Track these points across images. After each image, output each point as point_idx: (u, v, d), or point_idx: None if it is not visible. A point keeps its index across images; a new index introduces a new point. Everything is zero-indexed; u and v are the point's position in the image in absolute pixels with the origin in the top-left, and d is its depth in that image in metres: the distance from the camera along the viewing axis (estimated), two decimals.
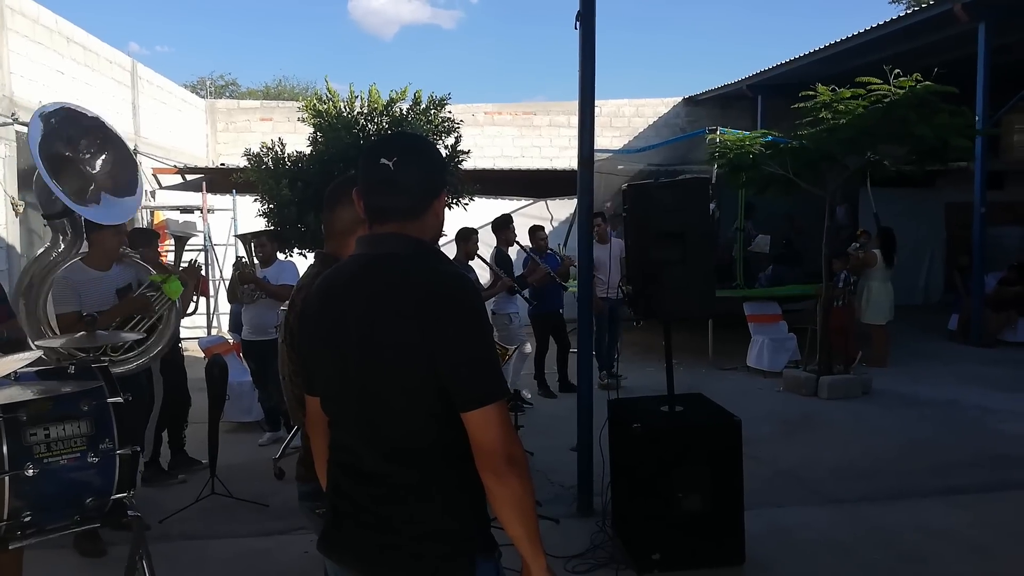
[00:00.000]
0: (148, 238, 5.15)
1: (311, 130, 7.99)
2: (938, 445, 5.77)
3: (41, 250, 4.46)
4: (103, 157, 4.23)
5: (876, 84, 6.78)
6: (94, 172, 4.17)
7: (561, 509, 4.42)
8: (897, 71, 6.76)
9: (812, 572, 3.73)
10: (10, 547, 2.80)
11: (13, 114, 8.60)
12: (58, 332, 3.96)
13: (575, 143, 4.52)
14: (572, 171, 4.66)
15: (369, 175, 1.60)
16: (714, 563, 3.66)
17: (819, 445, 5.84)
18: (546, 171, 14.19)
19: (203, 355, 5.95)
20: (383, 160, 1.57)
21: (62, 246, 4.24)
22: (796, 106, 7.48)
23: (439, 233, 1.69)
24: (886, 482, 4.95)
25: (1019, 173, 14.00)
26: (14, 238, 8.22)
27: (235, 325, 7.14)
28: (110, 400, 3.17)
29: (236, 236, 9.69)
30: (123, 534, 3.54)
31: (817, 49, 12.54)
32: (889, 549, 3.94)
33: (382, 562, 1.55)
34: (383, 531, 1.54)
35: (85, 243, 4.35)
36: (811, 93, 7.18)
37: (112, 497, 3.08)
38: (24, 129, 8.69)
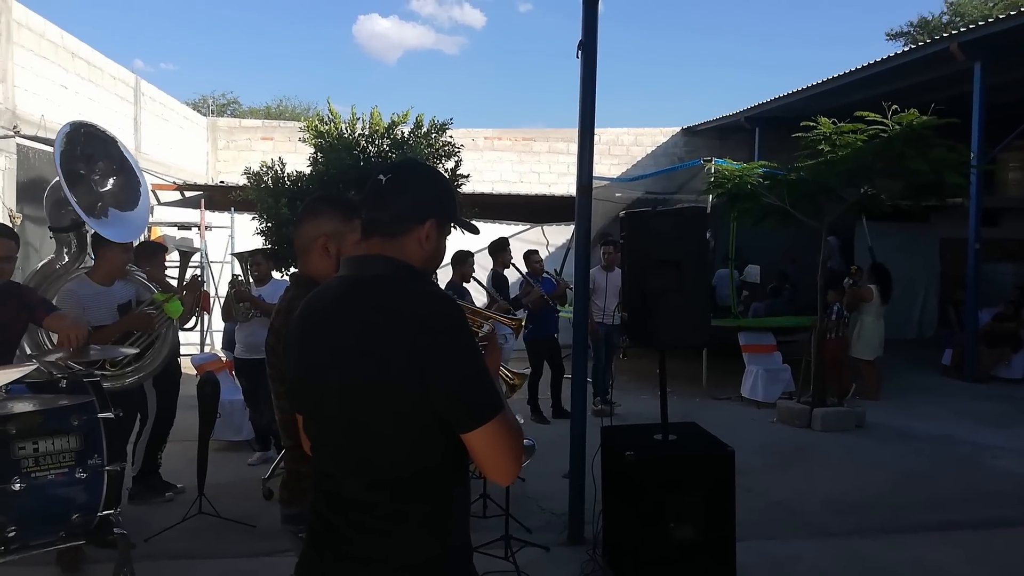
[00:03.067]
0: (153, 252, 5.17)
1: (311, 150, 8.03)
2: (931, 480, 5.75)
3: (44, 261, 4.52)
4: (113, 179, 4.38)
5: (874, 118, 6.85)
6: (103, 190, 4.30)
7: (552, 537, 4.38)
8: (895, 107, 6.85)
9: None
10: None
11: (15, 127, 8.64)
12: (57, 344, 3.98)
13: (573, 170, 4.55)
14: (570, 197, 4.69)
15: (367, 190, 1.65)
16: None
17: (812, 477, 5.82)
18: (544, 197, 14.27)
19: (195, 372, 5.91)
20: (380, 175, 1.62)
21: (65, 259, 4.32)
22: (796, 135, 7.55)
23: (432, 263, 1.66)
24: (878, 516, 4.93)
25: (1014, 210, 14.13)
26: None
27: (228, 343, 7.12)
28: (101, 415, 3.16)
29: (233, 254, 9.71)
30: (108, 552, 3.49)
31: (815, 84, 12.70)
32: None
33: None
34: (364, 561, 1.51)
35: (89, 258, 4.47)
36: (812, 124, 7.26)
37: (99, 514, 3.05)
38: (25, 143, 8.74)
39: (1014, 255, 13.48)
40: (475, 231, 1.83)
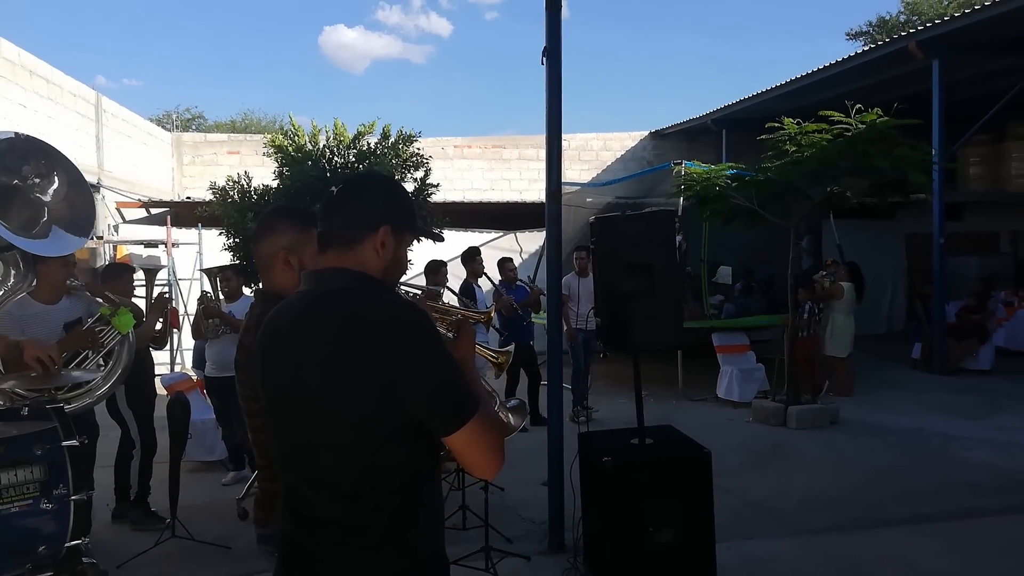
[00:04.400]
0: (119, 273, 5.00)
1: (277, 164, 7.96)
2: (904, 473, 5.82)
3: None
4: (55, 184, 3.90)
5: (838, 117, 6.95)
6: (47, 200, 3.85)
7: (532, 546, 4.36)
8: (858, 106, 6.95)
9: None
10: None
11: None
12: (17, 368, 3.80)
13: (544, 176, 4.55)
14: (541, 204, 4.69)
15: (322, 202, 1.66)
16: None
17: (789, 475, 5.86)
18: (516, 204, 14.29)
19: (165, 392, 5.80)
20: (333, 187, 1.63)
21: (11, 280, 4.02)
22: (761, 137, 7.64)
23: (393, 272, 1.64)
24: (854, 511, 4.97)
25: (976, 204, 14.44)
26: None
27: (199, 362, 7.01)
28: (65, 443, 3.07)
29: (201, 270, 9.56)
30: None
31: (780, 84, 12.88)
32: None
33: None
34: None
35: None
36: (777, 125, 7.35)
37: (66, 544, 2.96)
38: None
39: (978, 248, 13.77)
40: (438, 239, 1.81)
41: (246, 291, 6.25)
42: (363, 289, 1.54)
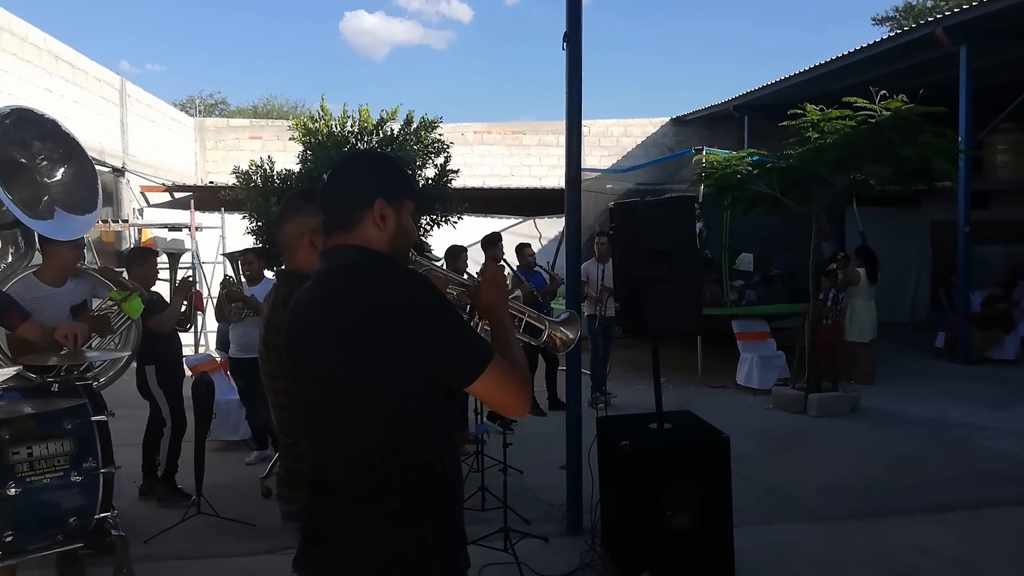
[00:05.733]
0: (144, 257, 5.04)
1: (300, 148, 8.02)
2: (926, 462, 5.79)
3: None
4: (63, 168, 4.01)
5: (862, 104, 6.87)
6: (49, 182, 3.95)
7: (550, 527, 4.40)
8: (883, 92, 6.86)
9: None
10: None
11: None
12: (6, 350, 3.84)
13: (564, 162, 4.55)
14: (561, 190, 4.69)
15: (319, 192, 1.71)
16: None
17: (808, 463, 5.85)
18: (535, 190, 14.27)
19: (190, 373, 5.89)
20: (324, 175, 1.69)
21: (10, 258, 3.98)
22: (784, 124, 7.57)
23: (401, 244, 1.68)
24: (875, 499, 4.96)
25: (1003, 192, 14.19)
26: None
27: (222, 343, 7.11)
28: (94, 418, 3.15)
29: (223, 255, 9.67)
30: (105, 557, 3.49)
31: (804, 70, 12.72)
32: (878, 567, 3.93)
33: None
34: (348, 552, 1.53)
35: (37, 254, 4.08)
36: (799, 112, 7.27)
37: (95, 516, 3.04)
38: None
39: (1004, 237, 13.55)
40: (442, 196, 1.85)
41: (268, 274, 6.32)
42: (367, 264, 1.59)
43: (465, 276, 2.06)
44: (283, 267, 2.31)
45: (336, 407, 1.54)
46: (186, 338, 10.37)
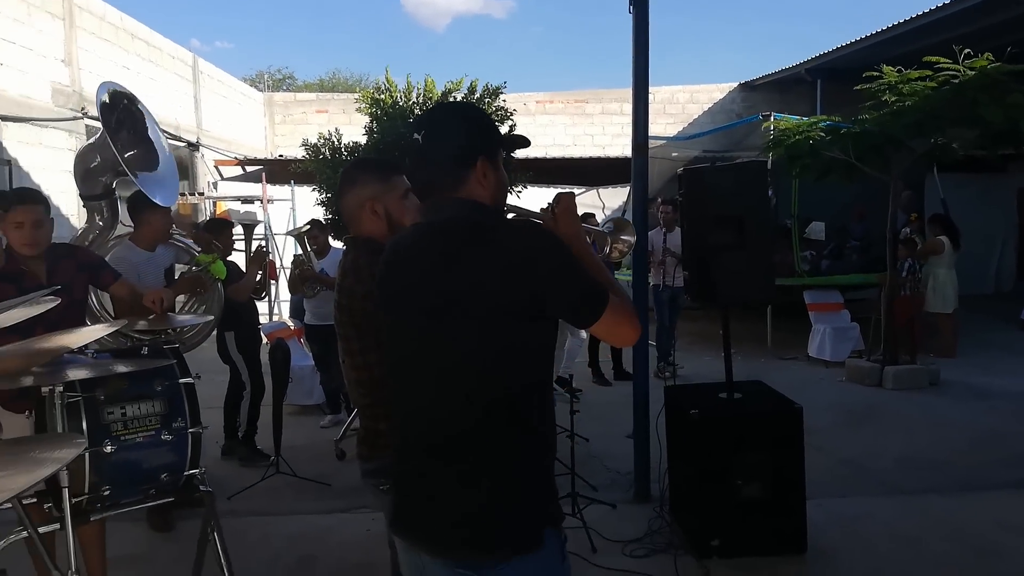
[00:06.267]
0: (222, 227, 5.26)
1: (366, 120, 8.12)
2: (1010, 437, 5.55)
3: (79, 232, 4.59)
4: (138, 148, 4.39)
5: (944, 63, 6.52)
6: (127, 156, 4.24)
7: (618, 495, 4.42)
8: (967, 51, 6.49)
9: (878, 562, 3.64)
10: (91, 519, 2.93)
11: (83, 109, 8.95)
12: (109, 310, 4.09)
13: (628, 131, 4.48)
14: (625, 159, 4.63)
15: (410, 152, 1.66)
16: (775, 551, 3.61)
17: (884, 435, 5.69)
18: (598, 159, 14.10)
19: (266, 340, 6.10)
20: (415, 135, 1.63)
21: (97, 231, 4.32)
22: (859, 88, 7.25)
23: (501, 197, 1.68)
24: (955, 474, 4.80)
25: None
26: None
27: (296, 312, 7.32)
28: (182, 381, 3.29)
29: (287, 234, 9.90)
30: (191, 510, 3.69)
31: (880, 30, 12.12)
32: (959, 542, 3.81)
33: (452, 539, 1.53)
34: (451, 507, 1.53)
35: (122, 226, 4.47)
36: (876, 75, 6.95)
37: (185, 473, 3.20)
38: (93, 123, 9.04)
39: None
40: (526, 143, 1.81)
41: (335, 244, 6.46)
42: (483, 216, 1.58)
43: (539, 209, 2.04)
44: (349, 235, 2.34)
45: (437, 359, 1.54)
46: (260, 307, 10.75)
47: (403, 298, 1.60)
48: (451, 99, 8.03)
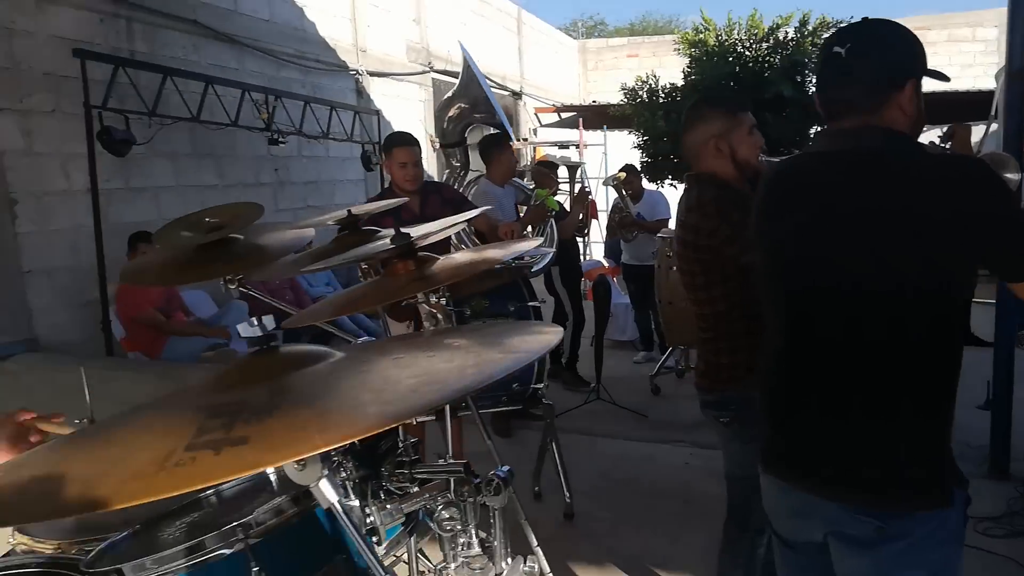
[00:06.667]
0: (551, 167, 5.73)
1: (678, 62, 7.99)
2: None
3: (446, 173, 5.30)
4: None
5: None
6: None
7: (967, 467, 3.92)
8: None
9: None
10: (458, 415, 3.40)
11: (429, 63, 10.02)
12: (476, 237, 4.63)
13: (980, 59, 3.89)
14: (976, 92, 3.99)
15: (822, 67, 1.53)
16: None
17: None
18: (943, 94, 12.28)
19: (583, 277, 6.44)
20: (836, 48, 1.47)
21: (456, 175, 5.10)
22: None
23: (917, 129, 1.51)
24: None
25: None
26: (433, 170, 9.69)
27: (611, 253, 7.61)
28: (530, 304, 3.65)
29: (604, 183, 10.20)
30: (523, 422, 4.09)
31: None
32: None
33: (856, 484, 1.43)
34: (859, 451, 1.43)
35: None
36: None
37: (532, 386, 3.57)
38: (438, 76, 10.11)
39: None
40: (946, 79, 1.61)
41: (649, 186, 6.55)
42: (902, 144, 1.45)
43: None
44: (690, 173, 2.34)
45: (836, 292, 1.43)
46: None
47: (807, 232, 1.48)
48: (780, 34, 7.56)
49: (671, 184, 7.68)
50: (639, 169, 6.69)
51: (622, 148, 9.33)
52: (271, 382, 0.89)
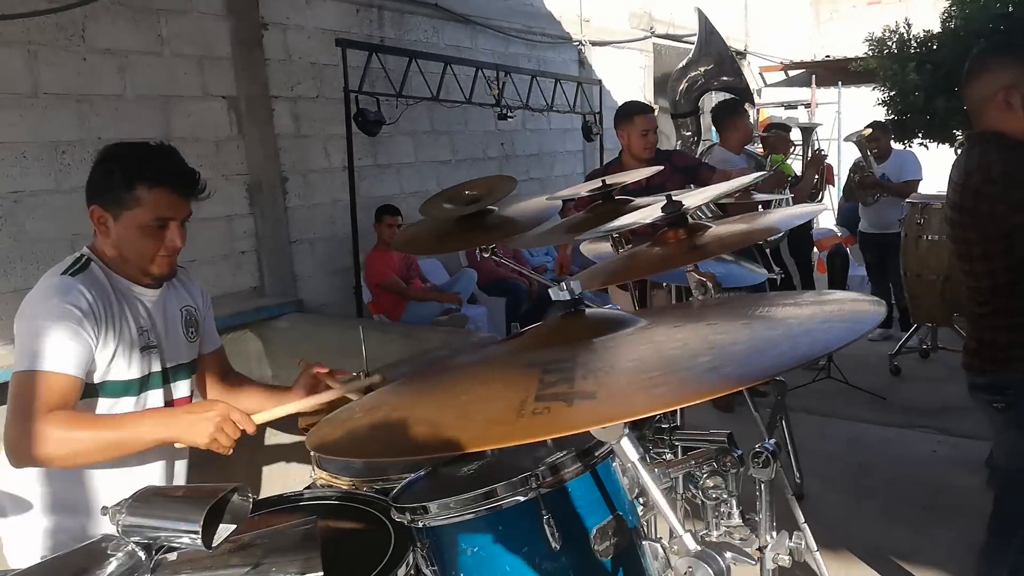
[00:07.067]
0: (785, 129, 5.49)
1: (928, 9, 7.18)
2: None
3: (677, 144, 5.40)
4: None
5: None
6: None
7: None
8: None
9: None
10: None
11: (651, 28, 9.85)
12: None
13: None
14: None
15: None
16: None
17: None
18: None
19: (813, 246, 6.09)
20: None
21: (688, 143, 5.10)
22: None
23: None
24: None
25: None
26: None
27: (844, 220, 7.11)
28: (769, 276, 3.57)
29: (846, 139, 9.47)
30: (759, 400, 4.01)
31: None
32: None
33: None
34: None
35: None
36: None
37: None
38: (660, 41, 9.92)
39: None
40: None
41: (896, 146, 6.01)
42: None
43: None
44: (972, 131, 2.16)
45: None
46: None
47: None
48: None
49: (921, 144, 6.97)
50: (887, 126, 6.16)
51: (860, 106, 8.60)
52: (589, 342, 0.97)
